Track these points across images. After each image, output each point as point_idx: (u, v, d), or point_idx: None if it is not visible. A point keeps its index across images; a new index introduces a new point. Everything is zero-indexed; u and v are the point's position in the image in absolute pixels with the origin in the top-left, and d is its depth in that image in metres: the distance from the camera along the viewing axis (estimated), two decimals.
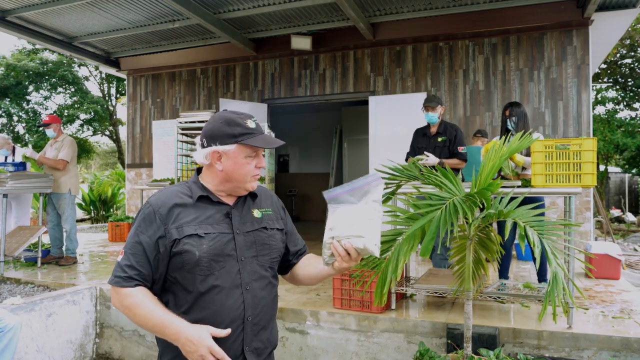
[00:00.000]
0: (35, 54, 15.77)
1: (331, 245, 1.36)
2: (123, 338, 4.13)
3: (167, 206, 1.46)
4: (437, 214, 2.25)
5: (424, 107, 4.38)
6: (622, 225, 13.69)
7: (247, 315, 1.46)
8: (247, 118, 1.49)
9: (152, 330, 1.40)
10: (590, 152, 3.06)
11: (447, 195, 2.39)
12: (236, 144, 1.45)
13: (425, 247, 2.17)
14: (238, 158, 1.47)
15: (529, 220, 2.28)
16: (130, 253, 1.43)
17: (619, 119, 13.52)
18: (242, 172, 1.48)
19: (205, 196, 1.51)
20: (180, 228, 1.44)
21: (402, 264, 2.20)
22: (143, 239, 1.43)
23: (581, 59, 6.24)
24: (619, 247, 5.04)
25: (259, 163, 1.51)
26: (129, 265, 1.42)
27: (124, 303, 1.41)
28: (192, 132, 6.73)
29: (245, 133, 1.46)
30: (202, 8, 6.34)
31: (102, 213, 12.86)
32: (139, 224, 1.46)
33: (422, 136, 4.53)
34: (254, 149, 1.47)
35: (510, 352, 2.99)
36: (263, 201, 1.63)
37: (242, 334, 1.45)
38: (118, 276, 1.42)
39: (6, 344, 2.86)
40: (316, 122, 12.01)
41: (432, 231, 2.17)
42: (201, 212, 1.48)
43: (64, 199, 5.41)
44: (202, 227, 1.45)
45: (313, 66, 7.63)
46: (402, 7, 6.43)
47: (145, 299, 1.40)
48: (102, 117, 16.86)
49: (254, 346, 1.48)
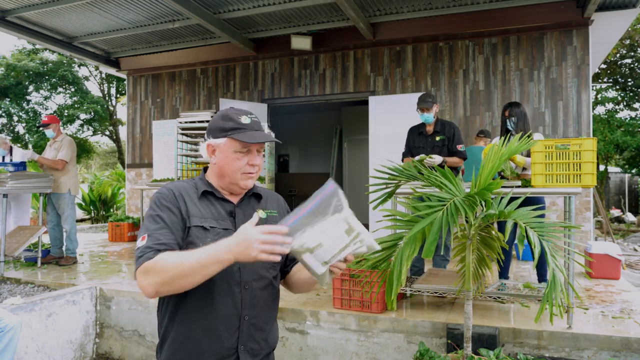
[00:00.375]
0: (35, 54, 15.77)
1: (328, 271, 1.29)
2: (123, 338, 4.13)
3: (179, 193, 1.48)
4: (439, 215, 2.25)
5: (419, 109, 4.30)
6: (622, 225, 13.69)
7: (244, 314, 1.46)
8: (243, 114, 1.50)
9: (199, 263, 1.25)
10: (590, 152, 3.06)
11: (447, 196, 2.39)
12: (225, 137, 1.46)
13: (428, 248, 2.16)
14: (228, 152, 1.47)
15: (530, 221, 2.28)
16: (154, 230, 1.37)
17: (619, 119, 13.53)
18: (232, 167, 1.47)
19: (210, 192, 1.52)
20: (190, 218, 1.44)
21: (405, 269, 2.21)
22: (166, 216, 1.40)
23: (581, 59, 6.24)
24: (619, 247, 5.04)
25: (252, 160, 1.49)
26: (157, 242, 1.34)
27: (156, 268, 1.28)
28: (192, 132, 6.73)
29: (236, 128, 1.46)
30: (202, 8, 6.34)
31: (102, 213, 12.86)
32: (159, 205, 1.43)
33: (419, 135, 4.45)
34: (244, 144, 1.46)
35: (510, 352, 2.99)
36: (269, 203, 1.63)
37: (237, 332, 1.45)
38: (141, 256, 1.32)
39: (6, 344, 2.86)
40: (316, 122, 12.00)
41: (434, 232, 2.17)
42: (206, 207, 1.49)
43: (64, 199, 5.42)
44: (207, 221, 1.46)
45: (313, 66, 7.63)
46: (402, 7, 6.43)
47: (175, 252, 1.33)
48: (102, 117, 16.85)
49: (249, 346, 1.47)
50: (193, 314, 1.43)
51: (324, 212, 1.25)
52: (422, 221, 2.26)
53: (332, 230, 1.24)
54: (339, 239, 1.25)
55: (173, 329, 1.46)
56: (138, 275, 1.33)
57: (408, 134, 4.57)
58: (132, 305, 4.11)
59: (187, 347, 1.43)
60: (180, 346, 1.44)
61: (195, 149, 6.95)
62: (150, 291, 1.30)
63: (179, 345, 1.44)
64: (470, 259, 2.52)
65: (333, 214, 1.25)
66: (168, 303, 1.48)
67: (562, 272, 2.09)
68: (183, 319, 1.44)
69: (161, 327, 1.51)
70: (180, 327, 1.44)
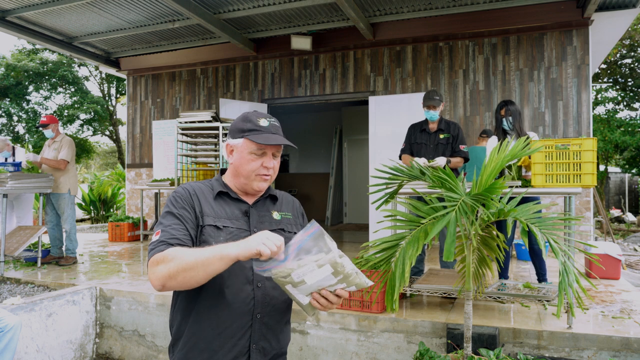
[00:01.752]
0: (35, 54, 15.78)
1: (313, 301, 1.30)
2: (123, 338, 4.13)
3: (194, 192, 1.51)
4: (452, 215, 2.24)
5: (426, 106, 4.26)
6: (622, 225, 13.69)
7: (256, 312, 1.46)
8: (263, 117, 1.53)
9: (202, 257, 1.25)
10: (590, 152, 3.06)
11: (456, 196, 2.39)
12: (242, 138, 1.50)
13: (448, 249, 2.12)
14: (244, 153, 1.51)
15: (530, 217, 2.28)
16: (168, 226, 1.40)
17: (619, 119, 13.53)
18: (247, 168, 1.50)
19: (225, 192, 1.55)
20: (203, 217, 1.47)
21: (408, 268, 2.21)
22: (181, 213, 1.44)
23: (581, 59, 6.24)
24: (619, 247, 5.04)
25: (266, 162, 1.51)
26: (170, 237, 1.38)
27: (164, 260, 1.29)
28: (192, 132, 6.73)
29: (253, 129, 1.50)
30: (202, 8, 6.34)
31: (102, 213, 12.86)
32: (174, 203, 1.47)
33: (421, 132, 4.40)
34: (260, 146, 1.49)
35: (510, 352, 2.99)
36: (284, 205, 1.65)
37: (250, 330, 1.46)
38: (153, 249, 1.35)
39: (6, 344, 2.86)
40: (316, 122, 12.01)
41: (451, 233, 2.16)
42: (220, 207, 1.51)
43: (64, 199, 5.42)
44: (220, 220, 1.48)
45: (313, 66, 7.63)
46: (402, 7, 6.43)
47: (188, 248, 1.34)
48: (102, 117, 16.86)
49: (261, 345, 1.48)
50: (207, 313, 1.44)
51: (309, 252, 1.24)
52: (440, 221, 2.23)
53: (317, 271, 1.23)
54: (324, 280, 1.24)
55: (187, 327, 1.47)
56: (149, 269, 1.35)
57: (409, 130, 4.52)
58: (132, 305, 4.11)
59: (201, 346, 1.44)
60: (195, 345, 1.45)
61: (195, 149, 6.96)
62: (157, 284, 1.31)
63: (194, 344, 1.45)
64: (470, 259, 2.52)
65: (318, 253, 1.23)
66: (181, 302, 1.49)
67: (571, 258, 2.08)
68: (197, 317, 1.45)
69: (173, 326, 1.52)
70: (194, 326, 1.45)
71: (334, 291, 1.28)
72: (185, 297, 1.47)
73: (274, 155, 1.54)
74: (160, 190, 7.73)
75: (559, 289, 2.08)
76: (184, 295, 1.47)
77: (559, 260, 2.12)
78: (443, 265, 4.30)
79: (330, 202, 10.79)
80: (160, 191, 7.82)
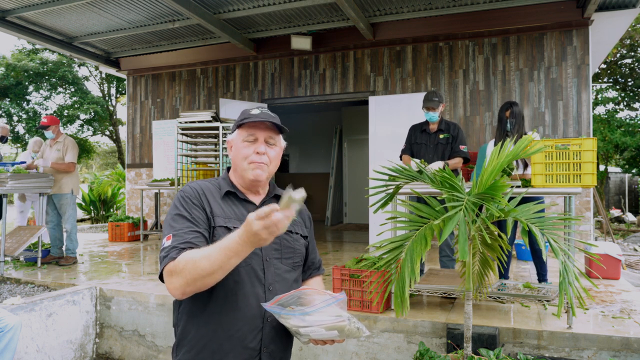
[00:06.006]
0: (35, 54, 15.77)
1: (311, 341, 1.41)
2: (123, 338, 4.13)
3: (203, 191, 1.49)
4: (460, 214, 2.24)
5: (425, 108, 4.30)
6: (622, 225, 13.69)
7: (266, 316, 1.45)
8: (256, 109, 1.54)
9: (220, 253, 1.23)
10: (590, 152, 3.06)
11: (462, 195, 2.39)
12: (237, 128, 1.52)
13: (462, 249, 2.15)
14: (237, 142, 1.51)
15: (530, 217, 2.28)
16: (179, 229, 1.36)
17: (619, 119, 13.52)
18: (240, 155, 1.50)
19: (233, 192, 1.53)
20: (214, 218, 1.45)
21: (417, 265, 2.21)
22: (192, 214, 1.41)
23: (581, 59, 6.24)
24: (619, 247, 5.04)
25: (257, 148, 1.48)
26: (182, 241, 1.33)
27: (178, 269, 1.27)
28: (192, 132, 6.73)
29: (245, 119, 1.50)
30: (202, 8, 6.34)
31: (102, 213, 12.86)
32: (183, 204, 1.43)
33: (421, 132, 4.44)
34: (250, 131, 1.49)
35: (510, 352, 2.99)
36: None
37: (261, 332, 1.44)
38: (165, 256, 1.32)
39: (6, 344, 2.86)
40: (316, 122, 12.01)
41: (463, 232, 2.16)
42: (229, 208, 1.49)
43: (66, 199, 5.42)
44: (231, 222, 1.45)
45: (313, 66, 7.63)
46: (402, 7, 6.43)
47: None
48: (102, 117, 16.86)
49: (271, 348, 1.47)
50: (217, 315, 1.42)
51: (325, 313, 1.33)
52: (450, 222, 2.23)
53: (324, 332, 1.34)
54: (327, 335, 1.35)
55: (193, 329, 1.44)
56: (165, 278, 1.32)
57: (409, 131, 4.56)
58: (132, 305, 4.11)
59: (211, 348, 1.42)
60: (203, 347, 1.43)
61: (195, 149, 6.96)
62: (177, 294, 1.30)
63: (202, 346, 1.43)
64: (470, 260, 2.52)
65: (329, 317, 1.32)
66: (187, 303, 1.46)
67: (571, 258, 2.09)
68: (207, 319, 1.43)
69: (178, 327, 1.49)
70: (204, 328, 1.43)
71: (333, 341, 1.40)
72: (192, 298, 1.42)
73: (268, 143, 1.51)
74: (160, 190, 7.73)
75: (559, 288, 2.08)
76: (191, 297, 1.42)
77: (559, 260, 2.12)
78: (443, 265, 4.30)
79: (330, 202, 10.79)
80: (160, 191, 7.82)
